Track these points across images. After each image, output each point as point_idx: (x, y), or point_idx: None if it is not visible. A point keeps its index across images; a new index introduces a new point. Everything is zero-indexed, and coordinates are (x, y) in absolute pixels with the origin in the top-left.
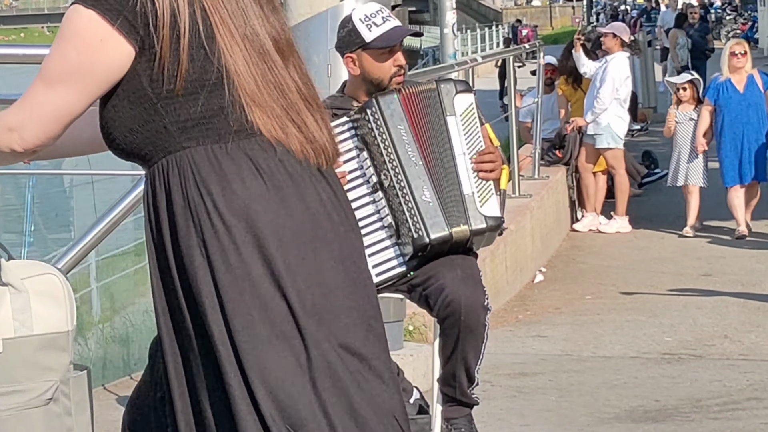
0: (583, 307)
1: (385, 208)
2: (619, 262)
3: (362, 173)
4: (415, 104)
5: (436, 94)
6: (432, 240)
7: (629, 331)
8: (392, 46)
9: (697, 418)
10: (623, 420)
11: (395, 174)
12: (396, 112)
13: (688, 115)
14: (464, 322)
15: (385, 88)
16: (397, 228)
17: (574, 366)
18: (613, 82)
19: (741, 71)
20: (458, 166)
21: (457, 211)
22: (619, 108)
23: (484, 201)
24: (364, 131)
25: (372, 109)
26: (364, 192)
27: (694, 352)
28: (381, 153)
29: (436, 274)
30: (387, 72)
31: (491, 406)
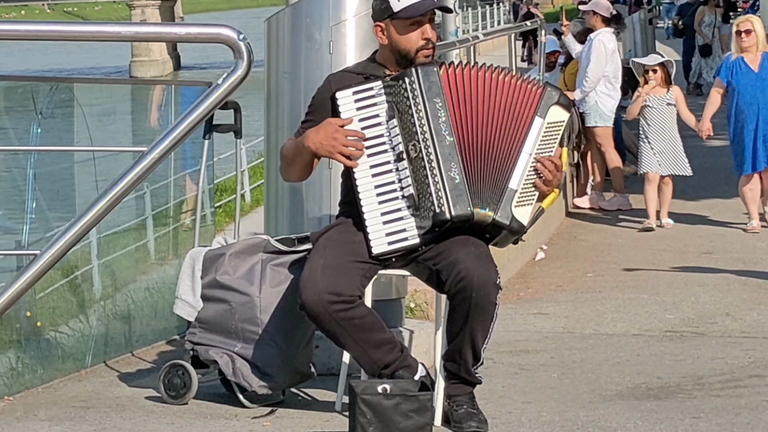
0: (584, 285)
1: (407, 179)
2: (621, 240)
3: (389, 140)
4: (461, 80)
5: (538, 93)
6: (453, 216)
7: (631, 308)
8: (419, 18)
9: (699, 395)
10: (625, 397)
11: (425, 146)
12: (434, 84)
13: (665, 100)
14: (475, 299)
15: (413, 60)
16: (417, 200)
17: (576, 343)
18: (598, 58)
19: (752, 50)
20: (518, 161)
21: (490, 196)
22: (606, 85)
23: (520, 204)
24: (399, 99)
25: (411, 78)
26: (388, 159)
27: (696, 329)
28: (413, 123)
29: (449, 250)
30: (414, 44)
31: (493, 383)
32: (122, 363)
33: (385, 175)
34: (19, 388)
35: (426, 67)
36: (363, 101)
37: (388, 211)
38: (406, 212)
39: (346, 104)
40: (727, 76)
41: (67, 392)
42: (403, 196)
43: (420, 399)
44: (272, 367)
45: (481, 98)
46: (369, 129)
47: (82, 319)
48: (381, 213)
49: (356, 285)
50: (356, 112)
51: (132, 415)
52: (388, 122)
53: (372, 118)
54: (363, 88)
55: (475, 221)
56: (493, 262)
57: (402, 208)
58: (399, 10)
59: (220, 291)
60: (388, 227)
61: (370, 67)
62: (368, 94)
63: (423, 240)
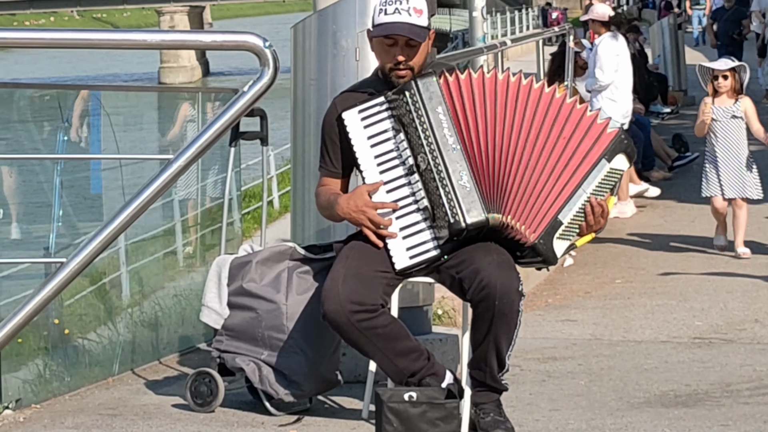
0: (613, 291)
1: (421, 191)
2: (650, 246)
3: (398, 154)
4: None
5: (612, 134)
6: (468, 225)
7: (660, 315)
8: (388, 37)
9: (727, 402)
10: (653, 404)
11: (432, 157)
12: (435, 95)
13: (730, 111)
14: (498, 306)
15: (388, 77)
16: (433, 211)
17: (604, 350)
18: (601, 63)
19: None
20: (575, 196)
21: (532, 215)
22: (612, 91)
23: (562, 237)
24: (401, 112)
25: (411, 91)
26: (400, 174)
27: (724, 336)
28: (418, 135)
29: (471, 258)
30: (386, 62)
31: (520, 390)
32: (149, 371)
33: (398, 190)
34: (47, 395)
35: (425, 78)
36: (369, 118)
37: (406, 225)
38: (423, 225)
39: (353, 124)
40: None
41: (94, 400)
42: (419, 209)
43: (446, 407)
44: (299, 375)
45: (500, 104)
46: (378, 146)
47: (110, 326)
48: (399, 228)
49: (379, 294)
50: (363, 130)
51: (159, 423)
52: (395, 137)
53: (380, 134)
54: (367, 106)
55: (491, 226)
56: (515, 269)
57: (419, 221)
58: (373, 26)
59: (246, 298)
60: (407, 242)
61: (375, 82)
62: (373, 111)
63: (443, 250)
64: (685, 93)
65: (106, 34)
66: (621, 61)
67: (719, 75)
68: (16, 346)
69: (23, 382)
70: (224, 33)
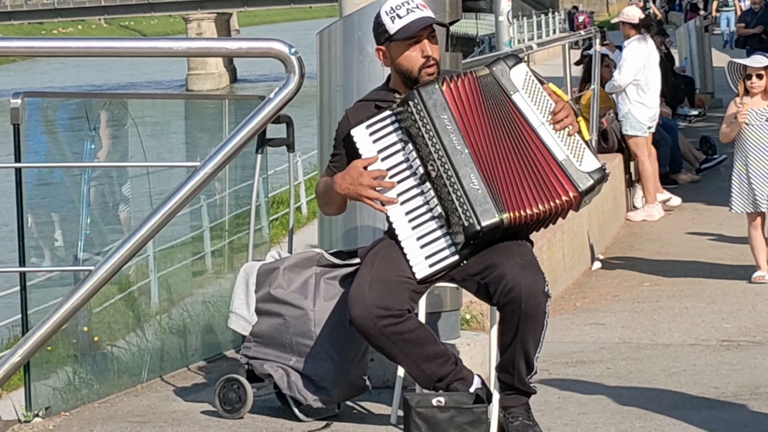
0: (641, 294)
1: (434, 199)
2: (678, 249)
3: (409, 165)
4: (463, 92)
5: (491, 78)
6: (483, 227)
7: (688, 318)
8: (415, 37)
9: (756, 405)
10: (682, 407)
11: (441, 164)
12: (438, 102)
13: (763, 114)
14: (524, 309)
15: (417, 79)
16: (447, 217)
17: (633, 354)
18: (625, 65)
19: None
20: (542, 137)
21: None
22: (639, 93)
23: (580, 159)
24: (408, 123)
25: (414, 101)
26: (413, 184)
27: (753, 338)
28: (426, 144)
29: (495, 263)
30: (415, 63)
31: (549, 394)
32: (178, 377)
33: (413, 200)
34: (76, 403)
35: (427, 86)
36: (377, 133)
37: (423, 234)
38: (439, 232)
39: (362, 140)
40: None
41: (123, 407)
42: (433, 217)
43: (474, 411)
44: (327, 381)
45: (479, 103)
46: (389, 159)
47: (138, 333)
48: (416, 238)
49: (405, 299)
50: (373, 145)
51: (188, 430)
52: (404, 148)
53: (389, 147)
54: (374, 121)
55: (506, 226)
56: (540, 270)
57: (435, 229)
58: (395, 32)
59: (274, 305)
60: (425, 250)
61: (382, 93)
62: (380, 126)
63: (462, 256)
64: (712, 95)
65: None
66: (650, 64)
67: (753, 74)
68: (45, 354)
69: (53, 389)
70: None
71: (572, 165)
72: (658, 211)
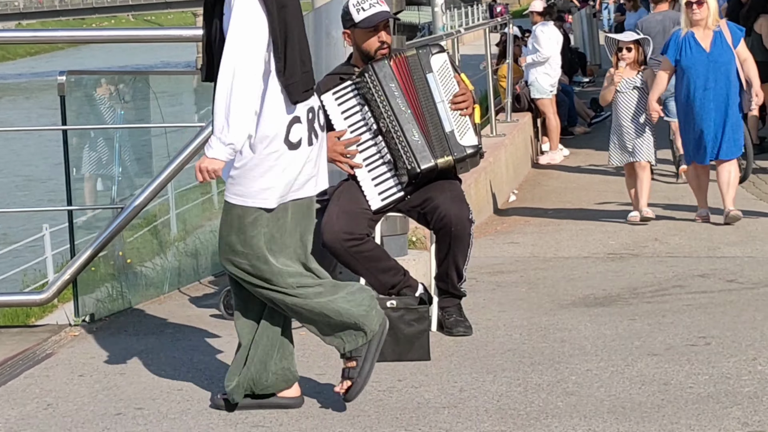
0: (546, 220)
1: (384, 149)
2: (574, 185)
3: (365, 123)
4: (403, 67)
5: (417, 58)
6: (422, 169)
7: (582, 236)
8: (375, 26)
9: (634, 302)
10: (578, 305)
11: (390, 121)
12: (387, 74)
13: (631, 83)
14: (454, 232)
15: (373, 58)
16: (395, 163)
17: (540, 265)
18: (539, 42)
19: (702, 24)
20: (439, 111)
21: (441, 146)
22: (545, 66)
23: (462, 134)
24: (364, 90)
25: (369, 73)
26: (369, 137)
27: (632, 252)
28: (379, 106)
29: (431, 197)
30: (372, 46)
31: (477, 297)
32: (192, 289)
33: (368, 150)
34: (113, 310)
35: (379, 62)
36: (341, 98)
37: (376, 176)
38: (388, 174)
39: (330, 104)
40: (676, 55)
41: (150, 313)
42: (384, 162)
43: (419, 311)
44: None
45: (412, 76)
46: (350, 118)
47: (161, 256)
48: (371, 179)
49: (364, 226)
50: (338, 107)
51: (200, 329)
52: (362, 110)
53: (351, 109)
54: (339, 89)
55: (441, 168)
56: (466, 202)
57: (385, 171)
58: (359, 21)
59: None
60: (378, 188)
61: (345, 68)
62: (343, 93)
63: (405, 192)
64: (600, 66)
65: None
66: (552, 43)
67: (624, 47)
68: (91, 273)
69: (96, 300)
70: None
71: (454, 137)
72: (559, 156)
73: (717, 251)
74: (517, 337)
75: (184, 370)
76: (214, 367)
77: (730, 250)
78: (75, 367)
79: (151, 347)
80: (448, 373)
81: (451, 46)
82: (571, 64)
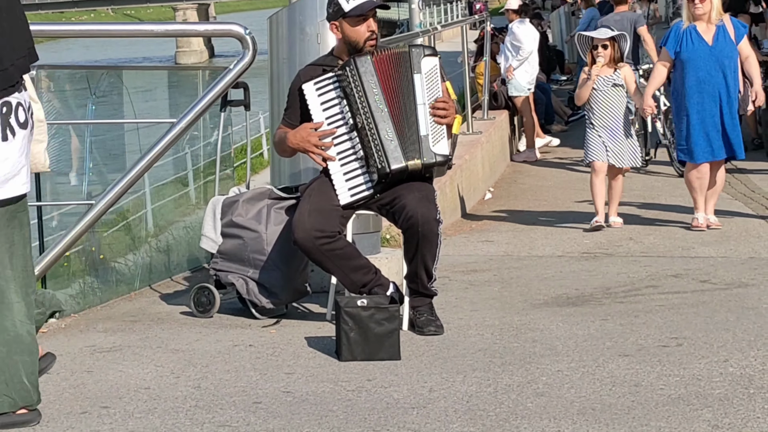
0: (521, 218)
1: (358, 144)
2: (550, 183)
3: (343, 117)
4: (386, 64)
5: (408, 56)
6: (392, 170)
7: (556, 235)
8: (365, 14)
9: (606, 302)
10: (551, 305)
11: (366, 118)
12: (368, 70)
13: (611, 80)
14: (421, 232)
15: (362, 49)
16: (367, 160)
17: (514, 264)
18: (519, 39)
19: (705, 18)
20: (418, 113)
21: (413, 148)
22: (523, 64)
23: (436, 141)
24: (345, 84)
25: (350, 67)
26: (344, 131)
27: (606, 251)
28: (356, 101)
29: (400, 196)
30: (362, 36)
31: (449, 296)
32: (163, 286)
33: (343, 144)
34: (84, 306)
35: (361, 57)
36: (321, 89)
37: (348, 171)
38: (359, 171)
39: (310, 94)
40: (676, 47)
41: (120, 309)
42: (357, 159)
43: (389, 310)
44: (277, 287)
45: (395, 73)
46: (328, 110)
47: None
48: (343, 173)
49: (336, 223)
50: (317, 98)
51: (169, 327)
52: (341, 103)
53: (330, 101)
54: (320, 80)
55: (410, 171)
56: (435, 202)
57: (357, 168)
58: (348, 10)
59: (235, 229)
60: (348, 183)
61: (328, 59)
62: (324, 83)
63: (375, 190)
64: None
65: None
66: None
67: (599, 44)
68: (64, 268)
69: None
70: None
71: (428, 141)
72: (535, 154)
73: (691, 251)
74: (489, 336)
75: (152, 368)
76: (182, 366)
77: (704, 250)
78: None
79: (119, 344)
80: (418, 373)
81: (427, 42)
82: (549, 62)
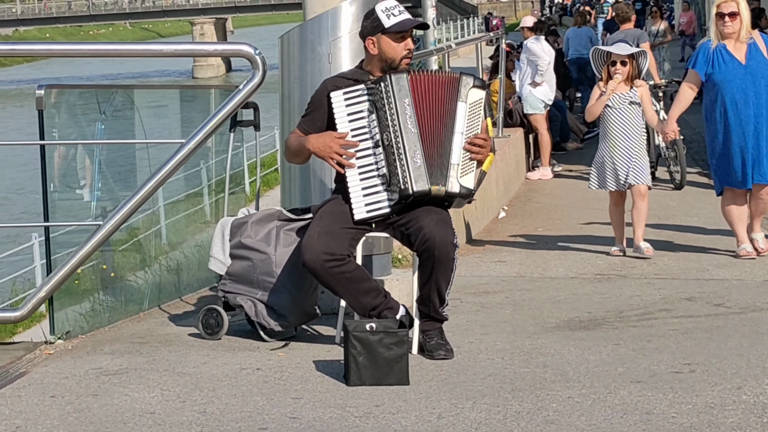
0: (535, 238)
1: (382, 161)
2: (565, 202)
3: (369, 131)
4: (424, 85)
5: (457, 82)
6: (415, 192)
7: (570, 256)
8: (405, 32)
9: (619, 326)
10: (563, 328)
11: (395, 135)
12: (404, 88)
13: (627, 98)
14: (437, 256)
15: (397, 66)
16: (389, 178)
17: (526, 285)
18: (535, 54)
19: (734, 36)
20: (454, 141)
21: (440, 173)
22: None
23: (464, 173)
24: (376, 98)
25: (385, 83)
26: (369, 146)
27: (620, 272)
28: (386, 118)
29: (417, 218)
30: (399, 53)
31: (460, 318)
32: (172, 306)
33: (365, 158)
34: (93, 326)
35: (398, 74)
36: (350, 100)
37: (367, 186)
38: (380, 188)
39: (338, 102)
40: (707, 69)
41: (128, 330)
42: (379, 175)
43: (398, 334)
44: (286, 309)
45: (433, 97)
46: (354, 122)
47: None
48: (362, 188)
49: (346, 246)
50: (345, 108)
51: (177, 349)
52: (369, 116)
53: (357, 113)
54: (351, 90)
55: (433, 195)
56: (452, 226)
57: (377, 184)
58: (389, 26)
59: (244, 251)
60: (366, 199)
61: (358, 73)
62: (355, 95)
63: (393, 209)
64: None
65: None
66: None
67: (617, 60)
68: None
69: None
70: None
71: (456, 171)
72: (550, 172)
73: (706, 273)
74: (499, 361)
75: (158, 391)
76: (188, 390)
77: (719, 272)
78: (47, 388)
79: (126, 367)
80: (427, 398)
81: (442, 59)
82: (564, 80)
